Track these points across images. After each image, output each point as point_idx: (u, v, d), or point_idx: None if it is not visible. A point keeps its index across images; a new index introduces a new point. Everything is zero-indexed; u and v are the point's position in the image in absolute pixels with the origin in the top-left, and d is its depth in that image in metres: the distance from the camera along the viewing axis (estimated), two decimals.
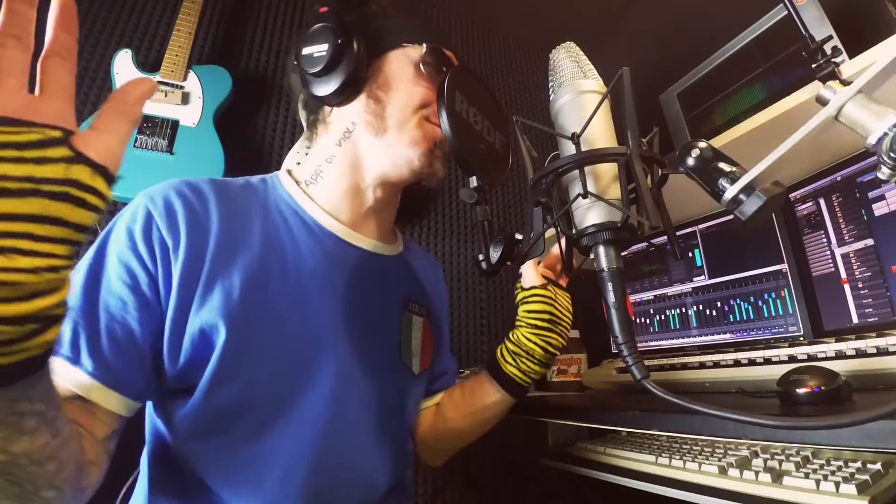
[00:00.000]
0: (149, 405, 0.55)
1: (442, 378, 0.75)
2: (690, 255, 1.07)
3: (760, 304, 0.94)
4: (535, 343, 0.62)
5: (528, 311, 0.64)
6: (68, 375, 0.44)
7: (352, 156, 0.60)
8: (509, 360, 0.64)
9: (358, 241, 0.62)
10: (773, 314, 0.91)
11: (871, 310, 0.76)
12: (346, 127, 0.60)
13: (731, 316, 0.98)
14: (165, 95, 1.08)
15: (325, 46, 0.54)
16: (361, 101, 0.59)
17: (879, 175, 0.33)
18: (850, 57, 0.71)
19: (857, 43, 0.72)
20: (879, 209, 0.76)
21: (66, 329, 0.44)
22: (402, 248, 0.71)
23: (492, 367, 0.66)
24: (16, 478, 0.33)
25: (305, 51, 0.55)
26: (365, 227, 0.64)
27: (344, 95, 0.57)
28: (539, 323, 0.63)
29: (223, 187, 0.57)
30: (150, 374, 0.48)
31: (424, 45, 0.60)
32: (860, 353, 0.61)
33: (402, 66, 0.60)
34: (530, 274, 0.65)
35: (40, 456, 0.33)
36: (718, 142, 0.82)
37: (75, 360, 0.44)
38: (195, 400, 0.48)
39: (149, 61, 1.20)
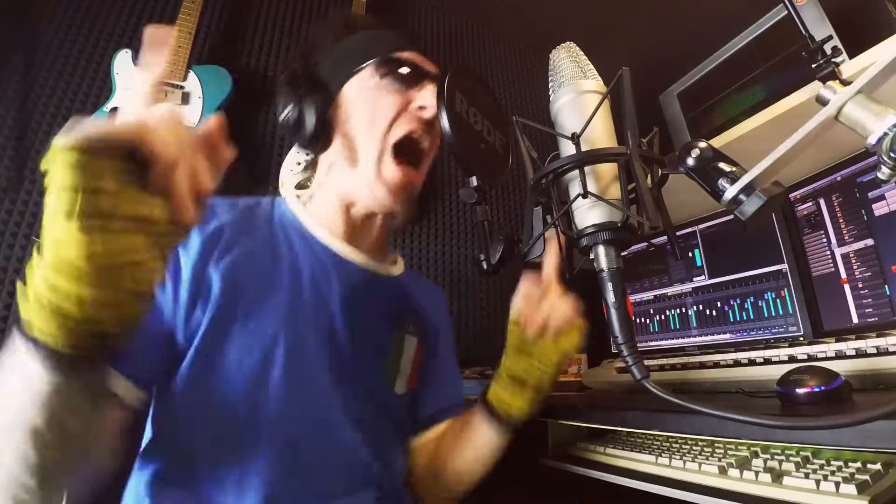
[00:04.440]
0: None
1: (445, 410, 0.72)
2: (690, 255, 1.07)
3: (760, 304, 0.94)
4: (508, 370, 0.62)
5: (508, 340, 0.64)
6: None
7: (337, 184, 0.64)
8: (493, 386, 0.63)
9: (350, 255, 0.64)
10: (773, 314, 0.91)
11: (871, 310, 0.76)
12: (330, 162, 0.64)
13: (731, 316, 0.98)
14: (165, 95, 1.08)
15: (287, 110, 0.61)
16: (337, 141, 0.63)
17: (879, 175, 0.33)
18: (850, 57, 0.71)
19: (857, 43, 0.72)
20: (879, 209, 0.76)
21: None
22: (400, 271, 0.72)
23: (482, 396, 0.65)
24: (66, 452, 0.37)
25: (280, 117, 0.63)
26: (358, 242, 0.65)
27: (318, 145, 0.63)
28: (510, 352, 0.62)
29: (231, 203, 0.62)
30: (157, 359, 0.52)
31: (368, 62, 0.62)
32: (860, 353, 0.61)
33: (359, 94, 0.62)
34: (517, 303, 0.63)
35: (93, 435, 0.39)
36: (718, 142, 0.82)
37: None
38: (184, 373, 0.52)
39: None
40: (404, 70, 0.61)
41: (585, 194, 0.39)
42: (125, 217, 0.31)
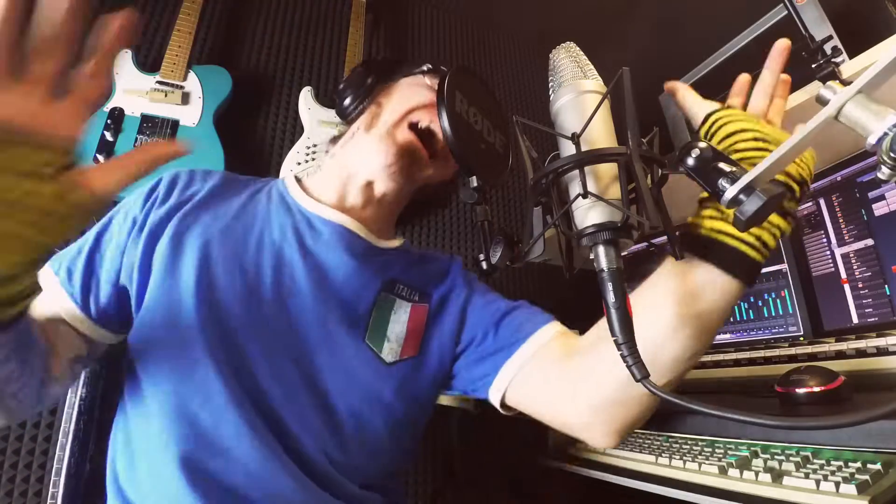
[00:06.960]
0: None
1: (508, 346, 0.60)
2: None
3: (760, 304, 0.94)
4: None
5: (722, 140, 0.46)
6: (57, 296, 0.54)
7: (348, 154, 0.66)
8: (706, 213, 0.47)
9: (333, 217, 0.63)
10: (773, 314, 0.91)
11: (871, 310, 0.76)
12: (353, 131, 0.67)
13: (731, 316, 0.98)
14: (165, 95, 1.08)
15: (349, 82, 0.69)
16: (367, 111, 0.66)
17: (879, 175, 0.33)
18: (850, 57, 0.71)
19: (857, 43, 0.72)
20: (879, 209, 0.76)
21: (73, 259, 0.56)
22: (397, 244, 0.69)
23: (685, 241, 0.47)
24: None
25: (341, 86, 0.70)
26: (349, 210, 0.65)
27: (354, 107, 0.67)
28: (741, 145, 0.44)
29: (232, 178, 0.68)
30: (119, 302, 0.57)
31: (424, 67, 0.69)
32: (860, 353, 0.61)
33: (408, 80, 0.68)
34: (695, 101, 0.51)
35: (7, 378, 0.43)
36: None
37: (67, 281, 0.55)
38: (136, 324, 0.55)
39: (149, 61, 1.20)
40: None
41: (585, 194, 0.39)
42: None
